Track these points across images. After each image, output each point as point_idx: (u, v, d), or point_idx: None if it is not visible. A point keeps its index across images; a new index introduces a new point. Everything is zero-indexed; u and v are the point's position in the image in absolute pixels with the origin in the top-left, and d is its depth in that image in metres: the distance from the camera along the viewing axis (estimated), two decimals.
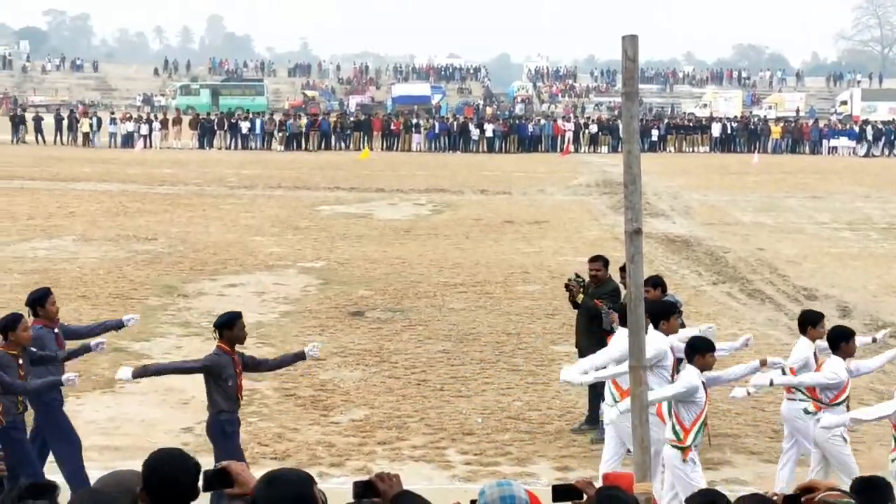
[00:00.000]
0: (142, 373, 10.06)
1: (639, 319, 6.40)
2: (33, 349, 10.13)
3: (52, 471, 10.11)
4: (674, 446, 9.54)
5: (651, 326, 10.16)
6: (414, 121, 68.06)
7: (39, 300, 10.78)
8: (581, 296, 12.85)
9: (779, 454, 12.26)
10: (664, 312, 10.65)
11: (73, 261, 23.91)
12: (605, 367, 10.35)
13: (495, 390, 14.55)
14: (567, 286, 13.23)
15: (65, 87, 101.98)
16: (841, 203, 37.50)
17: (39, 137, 61.88)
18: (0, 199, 34.56)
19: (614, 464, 10.65)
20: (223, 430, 9.96)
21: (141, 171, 44.80)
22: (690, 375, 9.53)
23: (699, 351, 9.76)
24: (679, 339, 10.61)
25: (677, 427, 9.51)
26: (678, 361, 10.49)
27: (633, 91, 6.59)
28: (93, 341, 11.00)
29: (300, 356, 10.94)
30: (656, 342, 10.07)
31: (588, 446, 12.48)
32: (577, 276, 13.24)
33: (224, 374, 9.93)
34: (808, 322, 11.26)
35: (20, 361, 9.90)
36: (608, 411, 10.44)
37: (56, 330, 10.84)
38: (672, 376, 10.29)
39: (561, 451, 12.29)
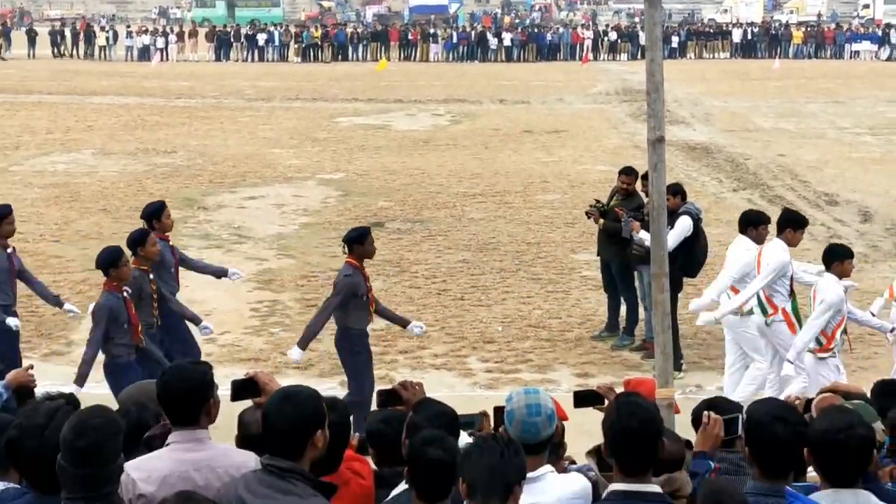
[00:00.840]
0: (306, 341, 10.16)
1: (661, 227, 6.38)
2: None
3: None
4: (818, 356, 9.63)
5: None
6: (431, 31, 67.46)
7: (156, 213, 10.72)
8: (602, 220, 12.76)
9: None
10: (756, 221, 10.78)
11: (93, 174, 23.95)
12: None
13: (515, 299, 14.59)
14: (587, 214, 13.16)
15: (80, 0, 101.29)
16: (863, 108, 37.15)
17: (56, 51, 61.64)
18: (18, 113, 34.58)
19: (737, 370, 10.63)
20: (353, 345, 9.99)
21: (158, 85, 44.65)
22: (832, 286, 9.64)
23: (839, 257, 9.85)
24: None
25: (819, 336, 9.58)
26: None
27: None
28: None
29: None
30: (778, 253, 10.18)
31: (608, 353, 12.54)
32: (597, 201, 13.13)
33: (359, 292, 9.92)
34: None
35: (151, 276, 9.93)
36: (704, 316, 10.54)
37: (171, 243, 10.88)
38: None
39: (581, 358, 12.36)
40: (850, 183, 23.06)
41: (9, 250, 10.61)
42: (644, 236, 11.56)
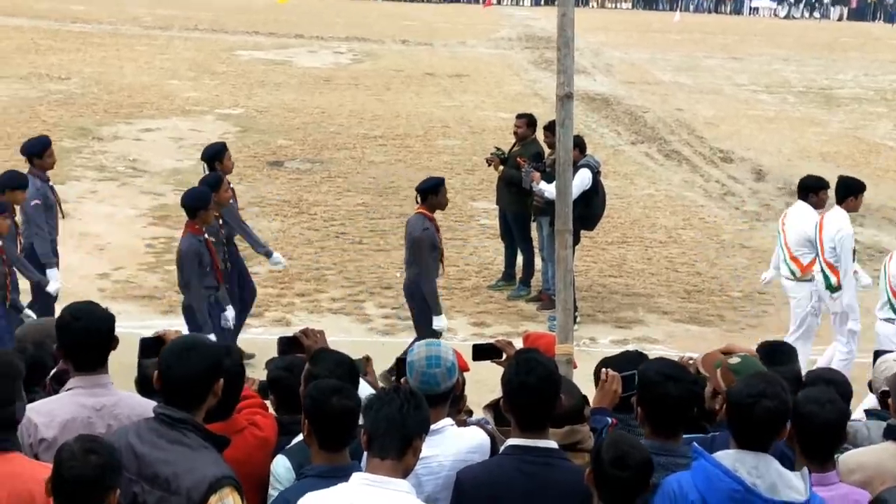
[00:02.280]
0: (438, 304, 10.16)
1: (566, 183, 6.46)
2: None
3: None
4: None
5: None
6: None
7: (217, 154, 10.64)
8: (501, 167, 12.86)
9: (690, 314, 12.63)
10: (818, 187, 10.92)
11: None
12: None
13: None
14: (488, 161, 13.26)
15: None
16: (759, 65, 37.70)
17: None
18: None
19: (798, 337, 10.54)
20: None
21: (51, 6, 43.44)
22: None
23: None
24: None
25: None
26: None
27: None
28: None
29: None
30: (845, 223, 10.29)
31: (504, 303, 12.69)
32: (497, 148, 13.24)
33: (436, 243, 9.93)
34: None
35: (221, 220, 9.91)
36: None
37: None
38: None
39: (478, 308, 12.50)
40: (744, 141, 23.47)
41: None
42: (544, 187, 11.70)
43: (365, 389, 5.12)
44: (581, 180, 11.60)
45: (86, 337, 4.80)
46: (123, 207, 15.86)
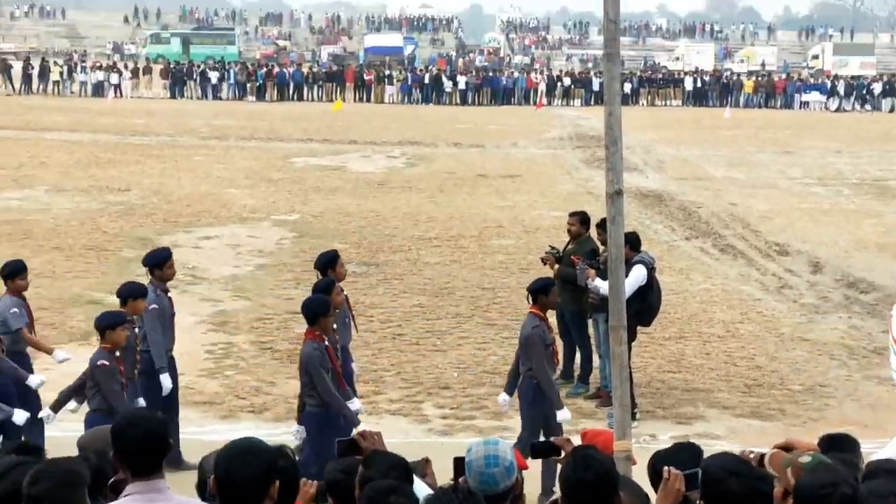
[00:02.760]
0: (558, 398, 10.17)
1: (619, 280, 6.46)
2: None
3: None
4: None
5: None
6: (387, 72, 67.81)
7: (330, 262, 11.05)
8: (557, 266, 12.88)
9: (751, 409, 12.46)
10: None
11: (46, 212, 23.80)
12: None
13: (471, 344, 14.64)
14: (543, 260, 13.32)
15: (33, 34, 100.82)
16: (812, 158, 37.61)
17: (9, 86, 61.27)
18: None
19: None
20: (535, 398, 9.97)
21: (112, 121, 44.48)
22: None
23: None
24: None
25: None
26: None
27: (614, 52, 6.61)
28: None
29: None
30: None
31: (564, 400, 12.56)
32: (552, 247, 13.29)
33: (547, 341, 9.99)
34: None
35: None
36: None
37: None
38: None
39: None
40: (800, 233, 23.33)
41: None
42: (599, 284, 11.69)
43: (422, 489, 5.10)
44: (636, 277, 11.58)
45: (141, 443, 4.84)
46: (183, 314, 15.88)
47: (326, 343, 9.31)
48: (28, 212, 23.71)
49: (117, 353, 9.16)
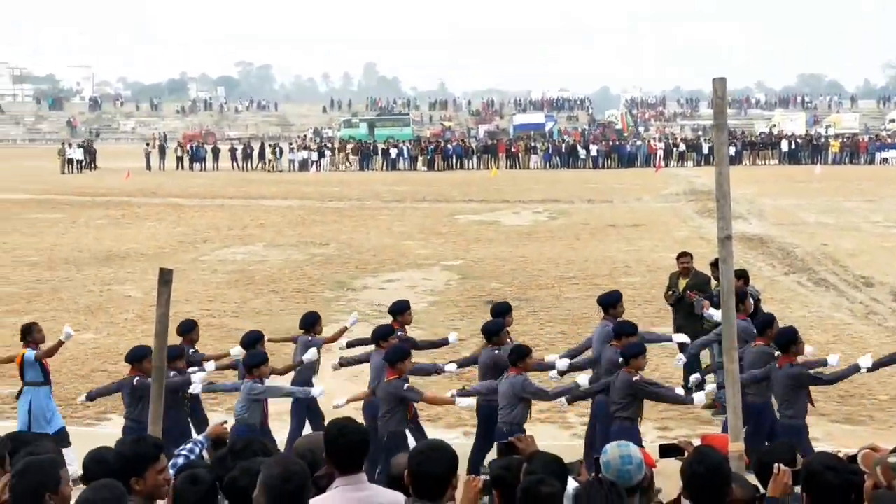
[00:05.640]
0: None
1: (730, 309, 6.33)
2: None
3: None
4: None
5: None
6: (532, 144, 67.92)
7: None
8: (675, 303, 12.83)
9: (844, 416, 12.00)
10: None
11: (264, 262, 24.46)
12: None
13: None
14: (666, 299, 13.35)
15: (253, 123, 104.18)
16: (891, 204, 36.22)
17: (234, 164, 63.40)
18: (206, 214, 35.55)
19: None
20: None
21: (314, 190, 45.55)
22: None
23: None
24: None
25: None
26: None
27: (722, 123, 6.51)
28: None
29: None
30: None
31: (684, 410, 12.31)
32: (672, 291, 13.18)
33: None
34: None
35: None
36: None
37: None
38: None
39: (661, 414, 12.19)
40: (883, 267, 22.47)
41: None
42: (713, 313, 11.45)
43: (571, 484, 5.07)
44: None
45: (349, 446, 4.92)
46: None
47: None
48: (250, 263, 24.41)
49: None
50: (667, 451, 5.85)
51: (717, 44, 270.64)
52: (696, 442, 5.88)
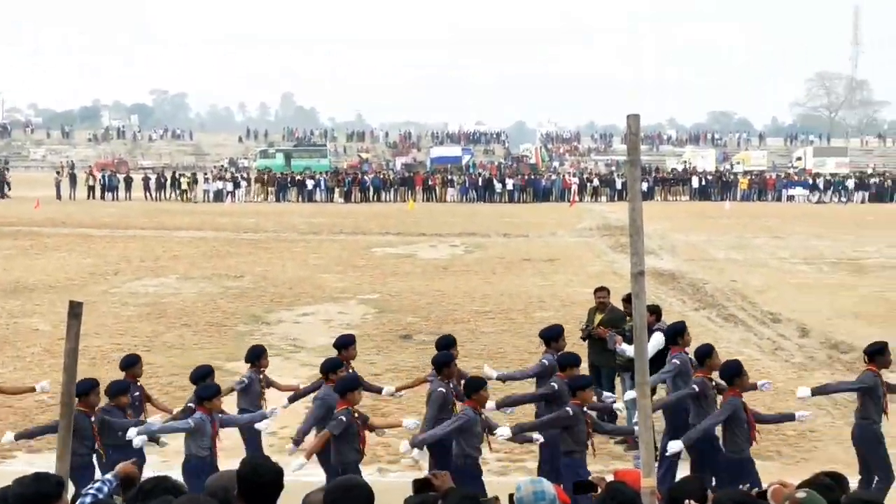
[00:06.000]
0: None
1: (643, 344, 6.41)
2: None
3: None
4: None
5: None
6: (449, 177, 68.30)
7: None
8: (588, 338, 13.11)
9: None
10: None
11: (177, 295, 24.07)
12: None
13: None
14: (582, 334, 13.50)
15: (167, 152, 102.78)
16: (798, 242, 37.22)
17: (147, 194, 62.45)
18: (117, 245, 34.89)
19: None
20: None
21: (229, 221, 45.09)
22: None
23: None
24: None
25: None
26: None
27: (636, 159, 6.60)
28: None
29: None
30: None
31: (596, 445, 12.40)
32: (587, 325, 13.42)
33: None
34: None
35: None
36: None
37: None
38: None
39: None
40: (789, 304, 23.02)
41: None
42: (625, 348, 11.63)
43: None
44: (656, 342, 11.51)
45: (261, 485, 4.85)
46: (287, 378, 15.95)
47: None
48: (163, 295, 24.00)
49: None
50: (581, 487, 5.90)
51: (718, 44, 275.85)
52: (609, 478, 5.92)
